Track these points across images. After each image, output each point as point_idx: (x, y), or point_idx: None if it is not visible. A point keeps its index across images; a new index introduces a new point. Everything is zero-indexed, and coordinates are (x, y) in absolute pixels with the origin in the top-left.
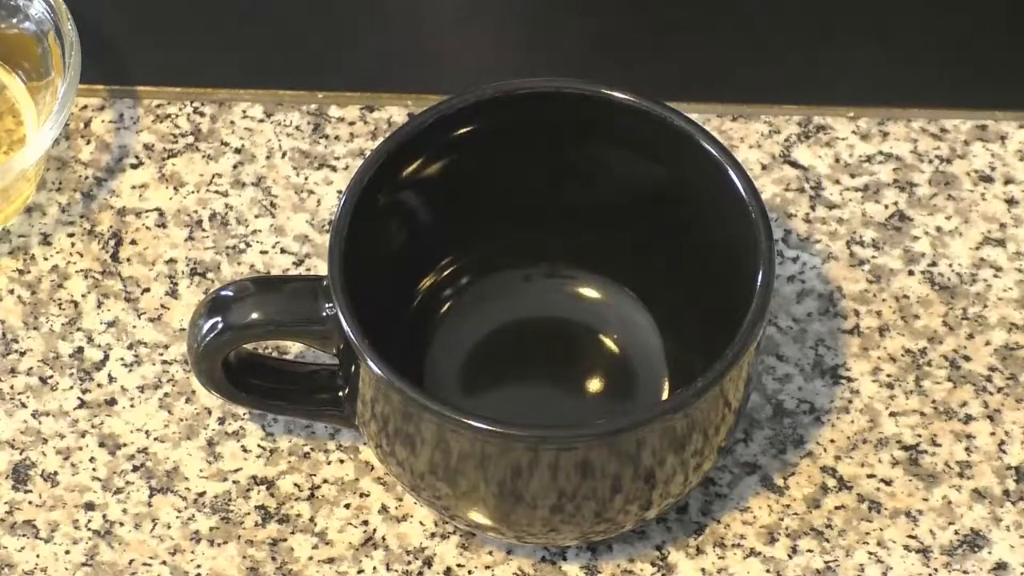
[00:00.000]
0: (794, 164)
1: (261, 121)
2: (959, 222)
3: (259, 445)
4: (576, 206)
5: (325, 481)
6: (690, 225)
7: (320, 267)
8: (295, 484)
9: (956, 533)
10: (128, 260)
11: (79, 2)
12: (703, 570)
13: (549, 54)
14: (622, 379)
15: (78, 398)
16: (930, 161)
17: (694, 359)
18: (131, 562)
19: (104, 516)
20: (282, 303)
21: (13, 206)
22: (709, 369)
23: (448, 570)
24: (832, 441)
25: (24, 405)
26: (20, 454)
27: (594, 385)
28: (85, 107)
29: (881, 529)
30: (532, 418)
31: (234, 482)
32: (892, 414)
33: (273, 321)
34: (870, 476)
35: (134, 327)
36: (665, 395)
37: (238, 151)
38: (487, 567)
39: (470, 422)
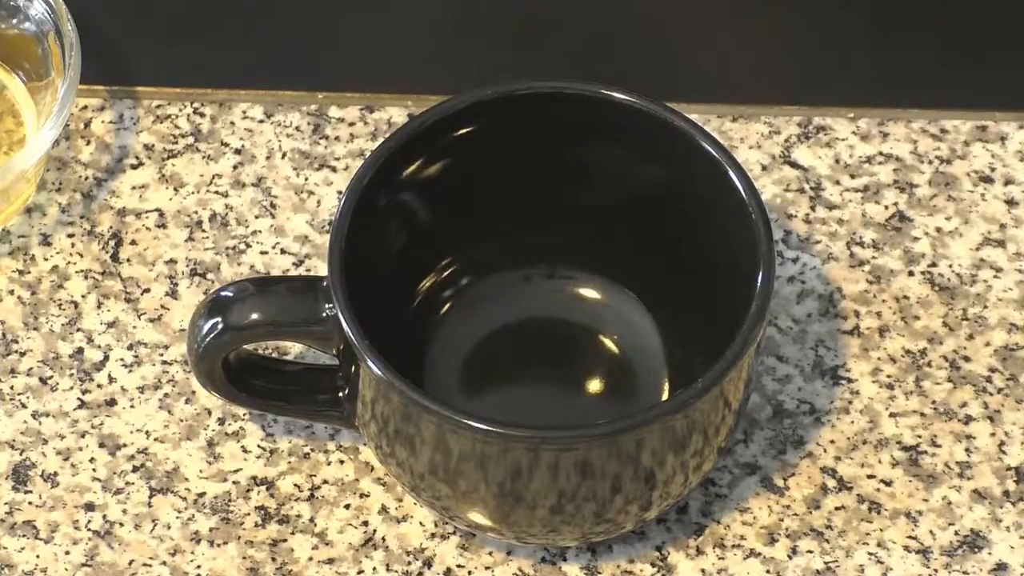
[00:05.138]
0: (794, 164)
1: (261, 121)
2: (959, 223)
3: (259, 446)
4: (576, 206)
5: (325, 482)
6: (690, 225)
7: (320, 267)
8: (295, 485)
9: (956, 534)
10: (128, 260)
11: (79, 2)
12: (703, 571)
13: (549, 54)
14: (622, 380)
15: (78, 399)
16: (930, 162)
17: (694, 359)
18: (131, 563)
19: (104, 516)
20: (282, 304)
21: (13, 206)
22: (709, 370)
23: (448, 571)
24: (832, 442)
25: (24, 405)
26: (20, 455)
27: (594, 386)
28: (85, 107)
29: (881, 530)
30: (532, 418)
31: (234, 482)
32: (892, 415)
33: (273, 322)
34: (870, 477)
35: (134, 327)
36: (665, 396)
37: (238, 151)
38: (487, 568)
39: (470, 422)
